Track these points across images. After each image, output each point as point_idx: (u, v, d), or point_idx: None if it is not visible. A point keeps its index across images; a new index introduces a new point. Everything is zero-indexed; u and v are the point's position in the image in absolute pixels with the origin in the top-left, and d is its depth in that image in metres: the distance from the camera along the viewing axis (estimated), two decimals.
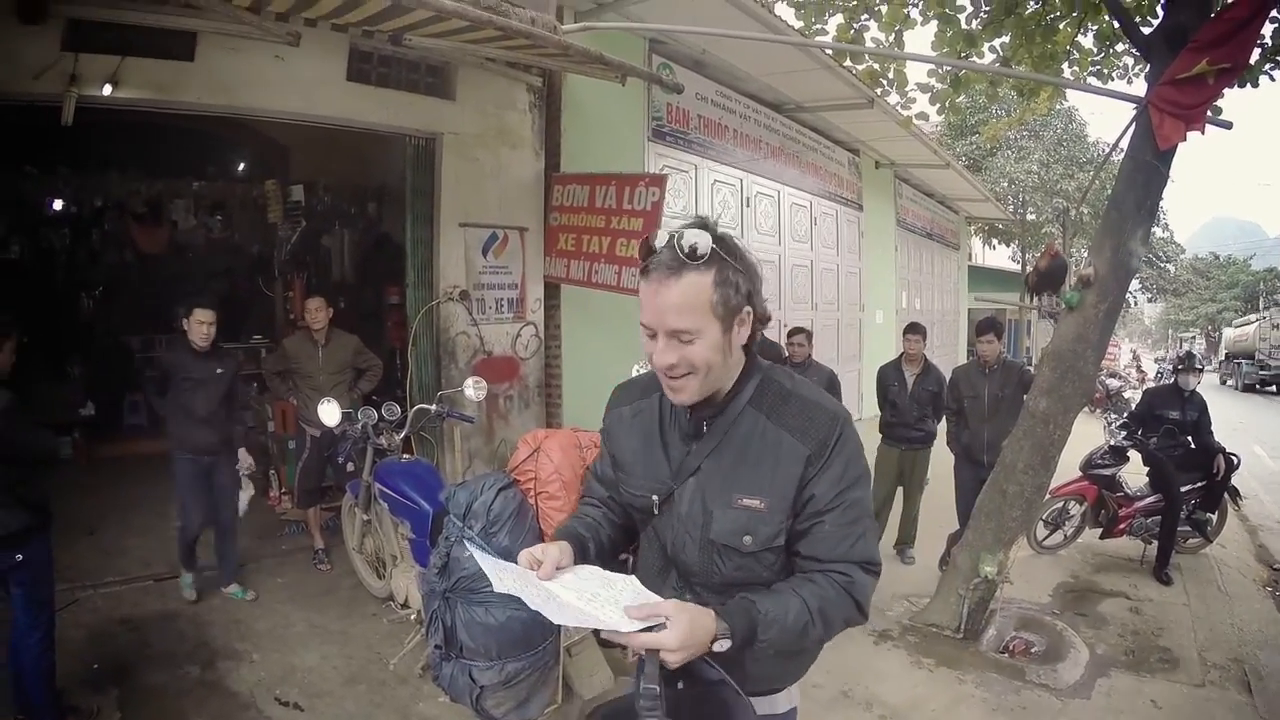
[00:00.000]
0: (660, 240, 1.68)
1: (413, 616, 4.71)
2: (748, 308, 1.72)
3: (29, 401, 3.83)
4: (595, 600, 1.58)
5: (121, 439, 9.70)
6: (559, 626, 3.14)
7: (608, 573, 1.74)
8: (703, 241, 1.62)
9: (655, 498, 1.86)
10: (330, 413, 5.27)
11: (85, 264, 10.91)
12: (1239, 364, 33.95)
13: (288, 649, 4.91)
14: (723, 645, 1.53)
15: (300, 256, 9.74)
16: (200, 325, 5.44)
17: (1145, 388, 12.19)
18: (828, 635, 1.74)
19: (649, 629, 1.47)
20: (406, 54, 6.16)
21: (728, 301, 1.66)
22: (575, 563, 1.79)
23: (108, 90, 5.10)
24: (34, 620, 3.82)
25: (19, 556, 3.70)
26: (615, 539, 2.02)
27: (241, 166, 11.33)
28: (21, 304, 7.86)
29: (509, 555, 3.01)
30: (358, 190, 10.08)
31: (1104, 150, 23.03)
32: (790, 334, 6.96)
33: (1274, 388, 30.49)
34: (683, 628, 1.47)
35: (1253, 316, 37.90)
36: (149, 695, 4.36)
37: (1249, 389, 31.59)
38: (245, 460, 5.68)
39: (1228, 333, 40.22)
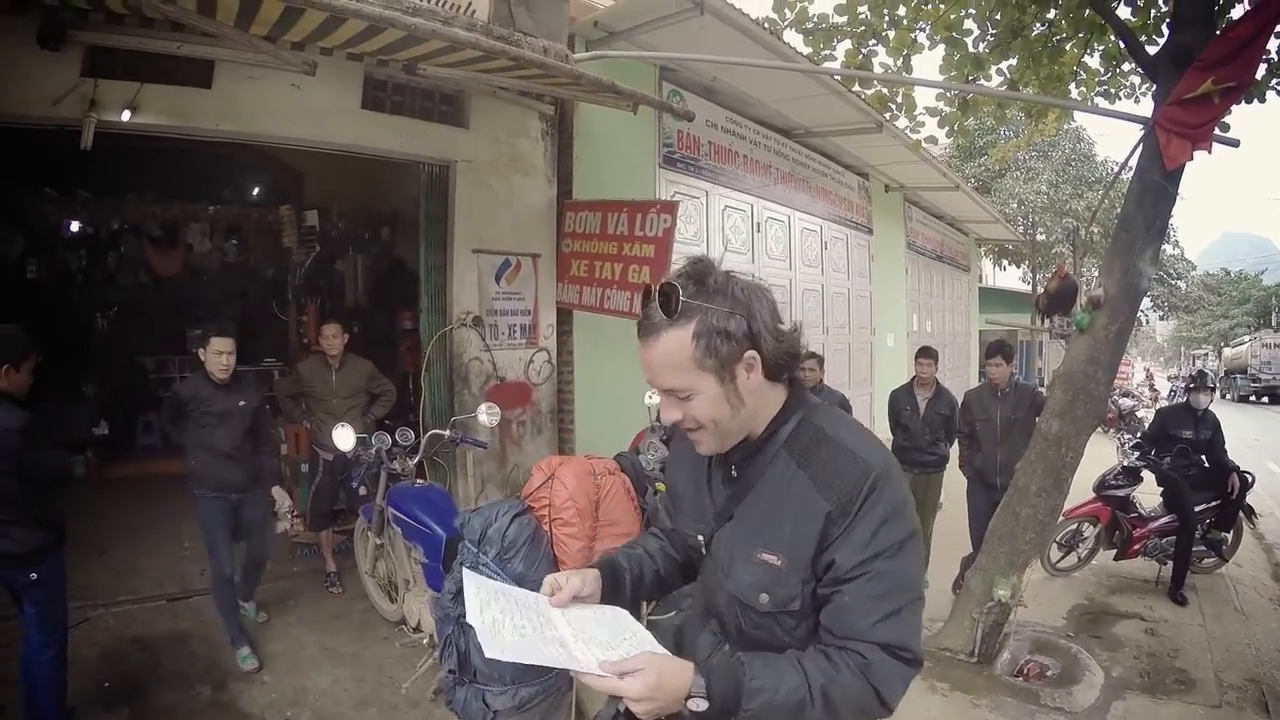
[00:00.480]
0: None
1: (425, 640, 4.73)
2: (750, 351, 1.59)
3: (45, 421, 3.86)
4: (588, 642, 1.52)
5: (134, 459, 9.80)
6: None
7: (631, 622, 1.65)
8: (672, 297, 1.54)
9: (701, 539, 1.80)
10: (345, 437, 5.27)
11: (101, 285, 11.08)
12: (1235, 378, 37.56)
13: (299, 671, 4.93)
14: (698, 705, 1.45)
15: (314, 281, 9.83)
16: (218, 356, 5.11)
17: (1158, 407, 12.14)
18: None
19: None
20: (420, 82, 6.23)
21: (715, 352, 1.56)
22: (605, 590, 1.74)
23: (126, 116, 5.18)
24: (47, 638, 3.85)
25: (33, 575, 3.74)
26: (668, 573, 1.94)
27: (256, 191, 11.48)
28: (38, 323, 7.94)
29: (523, 581, 3.07)
30: (371, 215, 10.17)
31: (1112, 169, 23.07)
32: (802, 359, 6.96)
33: (1266, 399, 34.61)
34: (649, 679, 1.41)
35: (1246, 336, 42.50)
36: (161, 715, 4.39)
37: (1243, 399, 35.90)
38: (283, 500, 5.64)
39: (1227, 352, 43.91)
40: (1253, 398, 35.48)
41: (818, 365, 6.83)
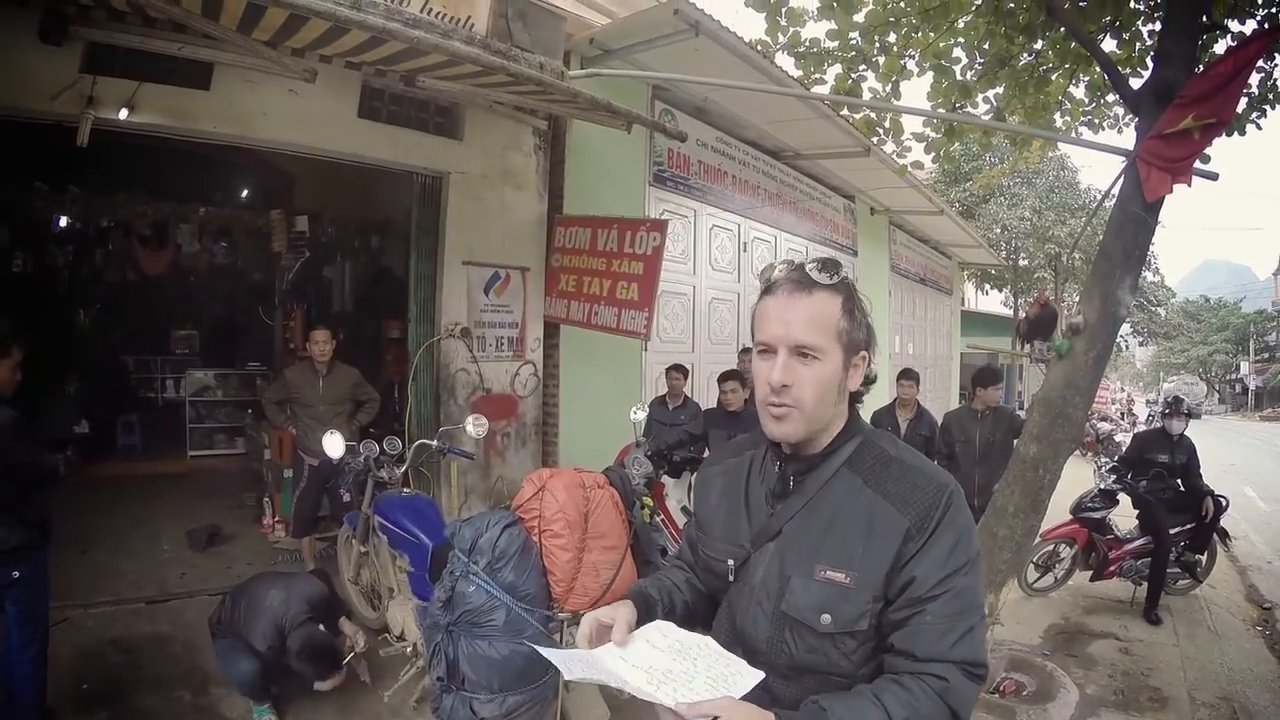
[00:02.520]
0: (778, 269, 1.64)
1: (408, 649, 4.72)
2: (864, 352, 1.63)
3: (26, 418, 3.85)
4: (667, 680, 1.42)
5: (115, 458, 9.74)
6: None
7: (683, 635, 1.55)
8: (836, 264, 1.61)
9: (731, 563, 1.72)
10: (334, 444, 5.28)
11: (87, 282, 11.04)
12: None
13: None
14: None
15: (301, 286, 9.80)
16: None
17: (1135, 431, 12.25)
18: None
19: None
20: (416, 94, 6.28)
21: (852, 332, 1.59)
22: (639, 622, 1.63)
23: (124, 114, 5.21)
24: (28, 637, 3.83)
25: (15, 573, 3.72)
26: (695, 605, 1.85)
27: (247, 194, 11.48)
28: (21, 318, 7.91)
29: (513, 591, 3.11)
30: (361, 223, 10.17)
31: (1095, 197, 23.27)
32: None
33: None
34: None
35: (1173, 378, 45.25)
36: (140, 718, 4.37)
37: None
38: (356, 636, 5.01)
39: (1166, 385, 45.69)
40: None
41: None
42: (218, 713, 4.48)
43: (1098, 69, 6.29)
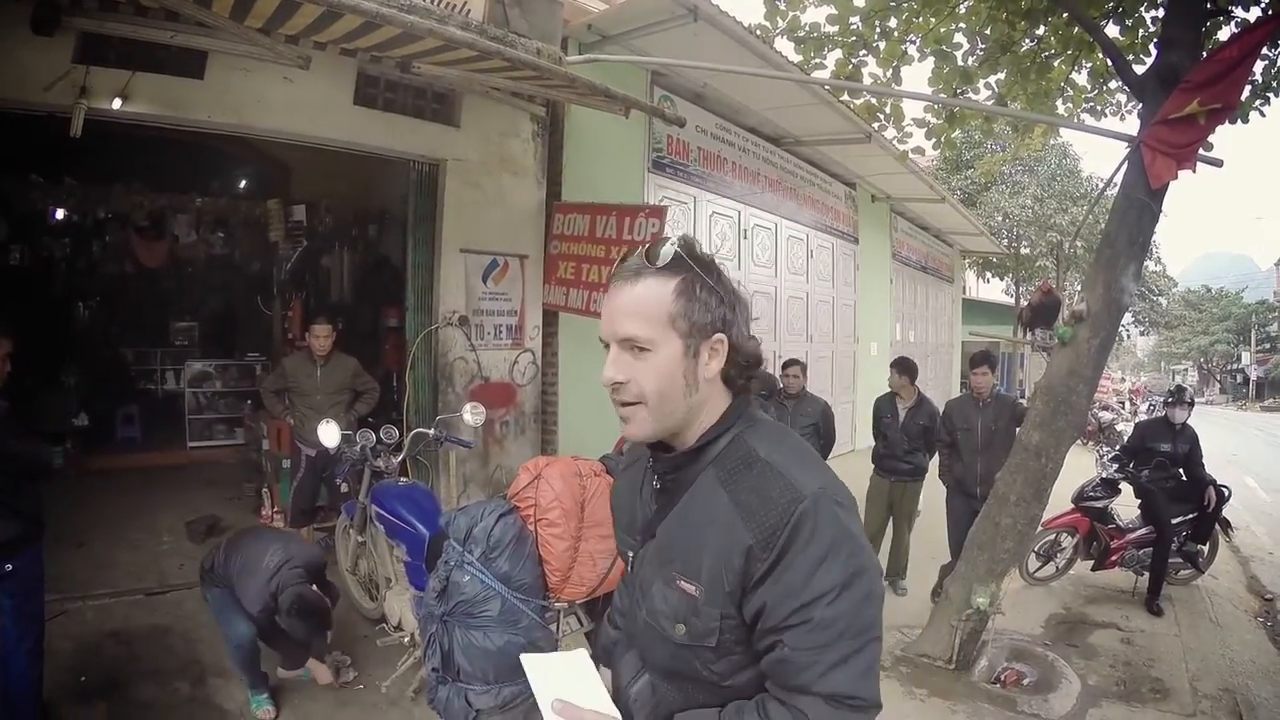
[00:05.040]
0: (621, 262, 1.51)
1: (406, 639, 4.70)
2: (720, 334, 1.45)
3: (23, 410, 3.83)
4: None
5: (115, 450, 9.72)
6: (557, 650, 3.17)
7: (588, 670, 1.60)
8: (666, 247, 1.44)
9: (630, 555, 1.66)
10: (330, 434, 5.26)
11: (84, 274, 11.03)
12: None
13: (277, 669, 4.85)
14: None
15: (299, 276, 9.78)
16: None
17: (1137, 420, 12.23)
18: None
19: None
20: (413, 80, 6.22)
21: (690, 315, 1.43)
22: None
23: (117, 104, 5.17)
24: (24, 631, 3.80)
25: (9, 566, 3.68)
26: None
27: (244, 184, 11.42)
28: (18, 311, 7.88)
29: (508, 580, 3.09)
30: (359, 212, 10.14)
31: (1097, 185, 23.18)
32: (785, 365, 6.98)
33: None
34: None
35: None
36: (138, 710, 4.34)
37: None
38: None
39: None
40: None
41: (801, 372, 6.84)
42: (215, 704, 4.46)
43: (1101, 55, 6.26)
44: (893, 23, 6.57)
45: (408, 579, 4.59)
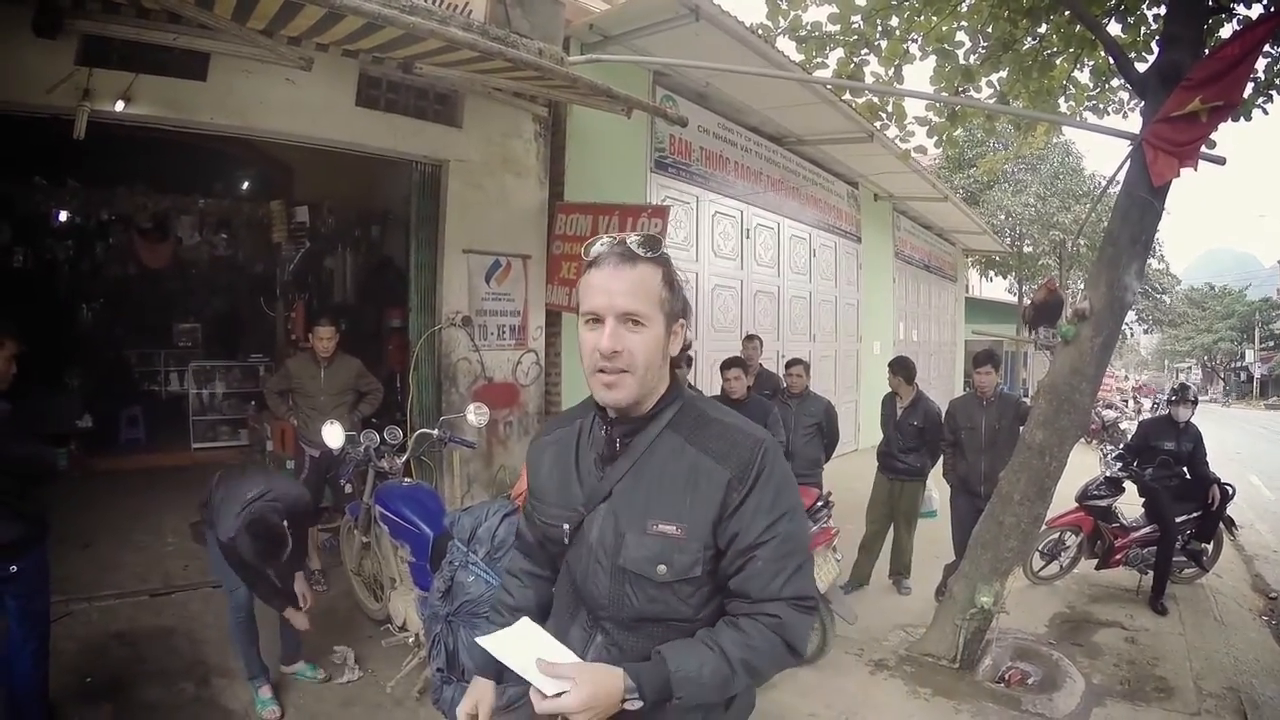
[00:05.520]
0: (601, 244, 1.73)
1: (411, 639, 4.71)
2: (683, 320, 1.76)
3: (27, 412, 3.83)
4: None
5: (119, 452, 9.74)
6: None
7: (542, 636, 1.73)
8: (656, 240, 1.73)
9: (566, 526, 1.82)
10: (334, 434, 5.25)
11: (87, 276, 11.05)
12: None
13: None
14: (633, 704, 1.54)
15: (302, 277, 9.81)
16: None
17: (1140, 418, 12.20)
18: (758, 682, 1.74)
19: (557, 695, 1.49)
20: (415, 81, 6.26)
21: (672, 302, 1.72)
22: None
23: (120, 106, 5.21)
24: (29, 632, 3.80)
25: (13, 568, 3.67)
26: (543, 600, 2.02)
27: (247, 185, 11.47)
28: (22, 314, 7.90)
29: None
30: (361, 213, 10.18)
31: (1100, 183, 23.16)
32: (788, 365, 6.98)
33: None
34: (585, 691, 1.49)
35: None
36: (144, 711, 4.35)
37: None
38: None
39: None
40: None
41: (804, 371, 6.85)
42: (220, 705, 4.47)
43: (1103, 53, 6.26)
44: (894, 21, 6.57)
45: (412, 579, 4.59)
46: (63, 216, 10.26)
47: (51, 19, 4.83)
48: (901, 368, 6.83)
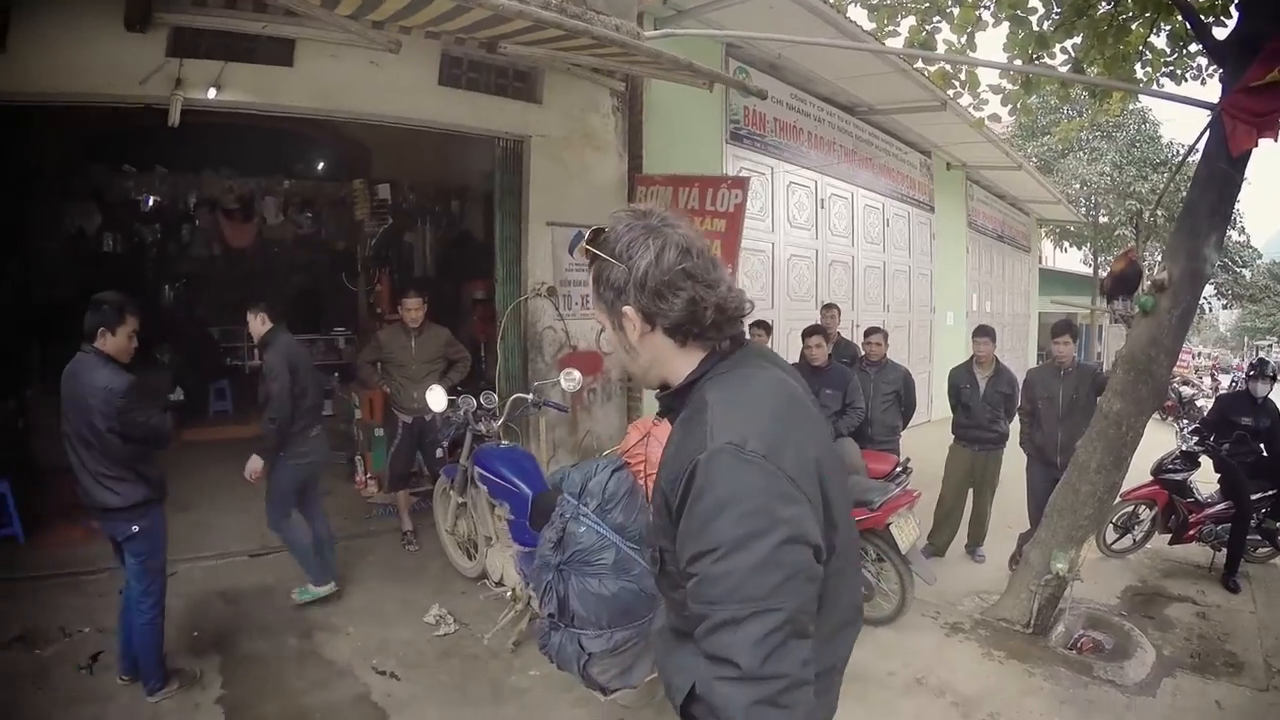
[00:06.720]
0: None
1: (508, 594, 4.93)
2: (625, 306, 1.57)
3: (144, 385, 4.10)
4: None
5: (208, 424, 10.16)
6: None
7: None
8: (578, 245, 1.72)
9: None
10: (437, 398, 5.52)
11: (174, 258, 11.57)
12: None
13: (382, 623, 5.14)
14: None
15: (384, 252, 10.08)
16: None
17: (1218, 394, 11.89)
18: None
19: None
20: (494, 59, 6.41)
21: (601, 298, 1.63)
22: None
23: (212, 93, 5.47)
24: (146, 587, 4.08)
25: (135, 527, 3.98)
26: None
27: (328, 166, 11.83)
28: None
29: (622, 531, 3.28)
30: (440, 189, 10.41)
31: (1178, 152, 22.38)
32: (867, 333, 7.08)
33: None
34: None
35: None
36: (249, 662, 4.61)
37: None
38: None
39: None
40: None
41: (882, 340, 6.93)
42: (322, 656, 4.73)
43: (1180, 18, 6.11)
44: None
45: (510, 536, 4.81)
46: (150, 201, 10.76)
47: (141, 13, 5.08)
48: (991, 334, 6.87)
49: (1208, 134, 5.06)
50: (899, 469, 5.47)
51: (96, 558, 5.75)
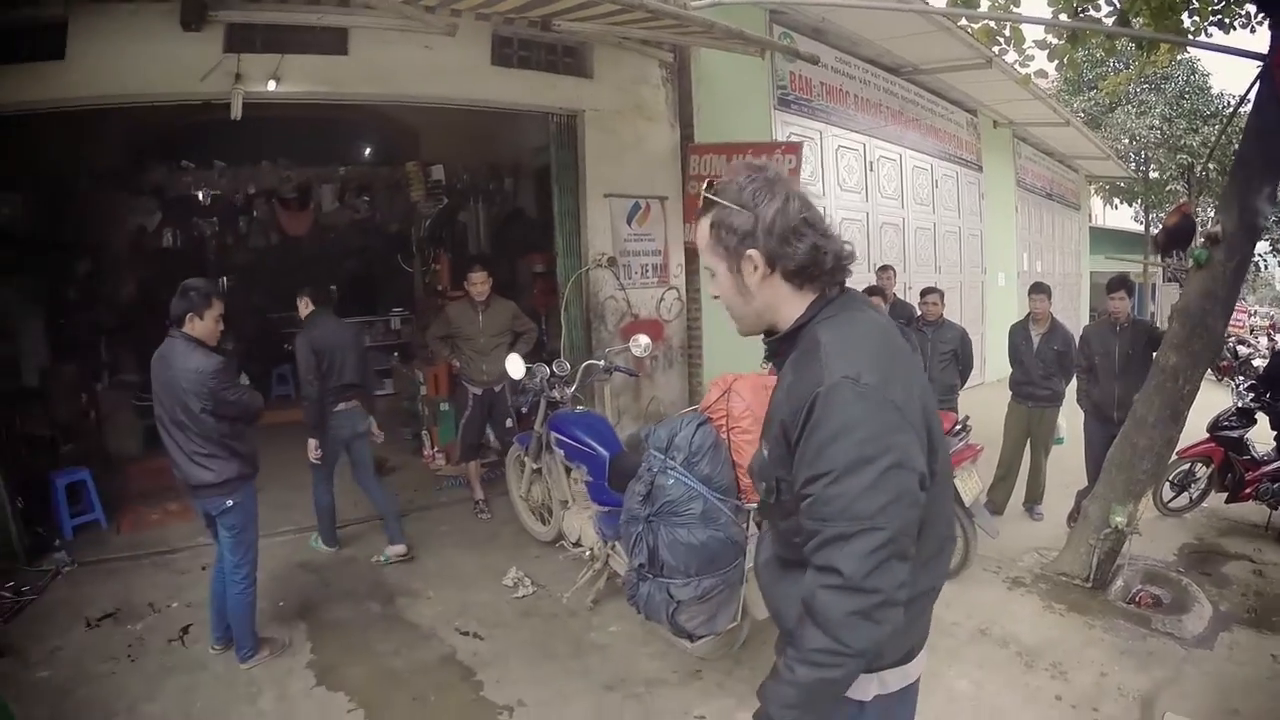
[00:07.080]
0: None
1: (586, 554, 5.12)
2: (751, 250, 1.68)
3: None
4: None
5: (271, 407, 10.32)
6: (746, 547, 3.50)
7: None
8: (710, 191, 1.76)
9: None
10: (516, 366, 5.75)
11: (233, 248, 11.84)
12: None
13: (461, 587, 5.34)
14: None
15: (439, 232, 10.27)
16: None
17: (1275, 350, 11.66)
18: (854, 664, 1.54)
19: None
20: (544, 37, 6.55)
21: (723, 242, 1.71)
22: None
23: (271, 86, 5.67)
24: (240, 559, 4.29)
25: (229, 502, 4.18)
26: None
27: (380, 151, 12.00)
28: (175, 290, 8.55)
29: (709, 482, 3.45)
30: (492, 168, 10.54)
31: (1229, 103, 21.80)
32: (923, 293, 7.16)
33: None
34: None
35: None
36: (335, 628, 4.82)
37: None
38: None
39: None
40: None
41: (939, 300, 7.00)
42: (405, 620, 4.93)
43: None
44: None
45: (590, 497, 4.97)
46: (209, 196, 11.07)
47: (196, 12, 5.27)
48: (1048, 292, 6.90)
49: (1258, 84, 5.00)
50: (958, 426, 5.56)
51: (174, 539, 6.10)
